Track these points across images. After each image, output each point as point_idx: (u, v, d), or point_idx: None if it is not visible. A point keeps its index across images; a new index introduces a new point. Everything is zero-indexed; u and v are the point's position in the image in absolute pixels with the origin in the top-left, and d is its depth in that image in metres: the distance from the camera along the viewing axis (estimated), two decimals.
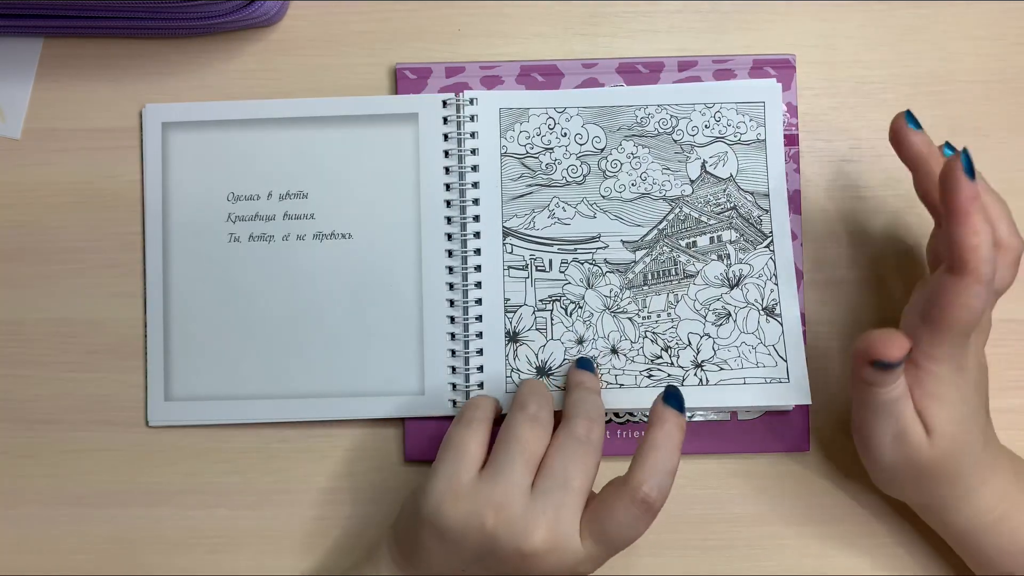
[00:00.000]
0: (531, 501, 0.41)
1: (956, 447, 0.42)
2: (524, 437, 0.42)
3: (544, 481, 0.41)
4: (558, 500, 0.41)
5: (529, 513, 0.40)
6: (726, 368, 0.48)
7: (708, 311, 0.49)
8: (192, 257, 0.51)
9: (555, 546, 0.40)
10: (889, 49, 0.52)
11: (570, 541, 0.41)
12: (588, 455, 0.42)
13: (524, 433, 0.42)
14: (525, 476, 0.41)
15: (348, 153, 0.51)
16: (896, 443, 0.42)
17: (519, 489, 0.41)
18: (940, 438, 0.41)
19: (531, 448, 0.42)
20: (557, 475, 0.41)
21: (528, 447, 0.42)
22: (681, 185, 0.49)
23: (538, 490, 0.41)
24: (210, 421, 0.51)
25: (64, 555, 0.51)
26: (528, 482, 0.41)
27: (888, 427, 0.42)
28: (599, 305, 0.49)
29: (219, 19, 0.49)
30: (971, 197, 0.38)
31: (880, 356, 0.39)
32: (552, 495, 0.41)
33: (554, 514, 0.41)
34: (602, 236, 0.49)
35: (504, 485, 0.41)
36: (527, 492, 0.41)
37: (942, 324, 0.40)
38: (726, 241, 0.49)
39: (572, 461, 0.42)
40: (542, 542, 0.40)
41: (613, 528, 0.41)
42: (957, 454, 0.42)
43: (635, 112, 0.50)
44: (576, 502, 0.41)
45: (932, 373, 0.41)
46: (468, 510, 0.41)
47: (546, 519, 0.40)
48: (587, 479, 0.42)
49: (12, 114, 0.52)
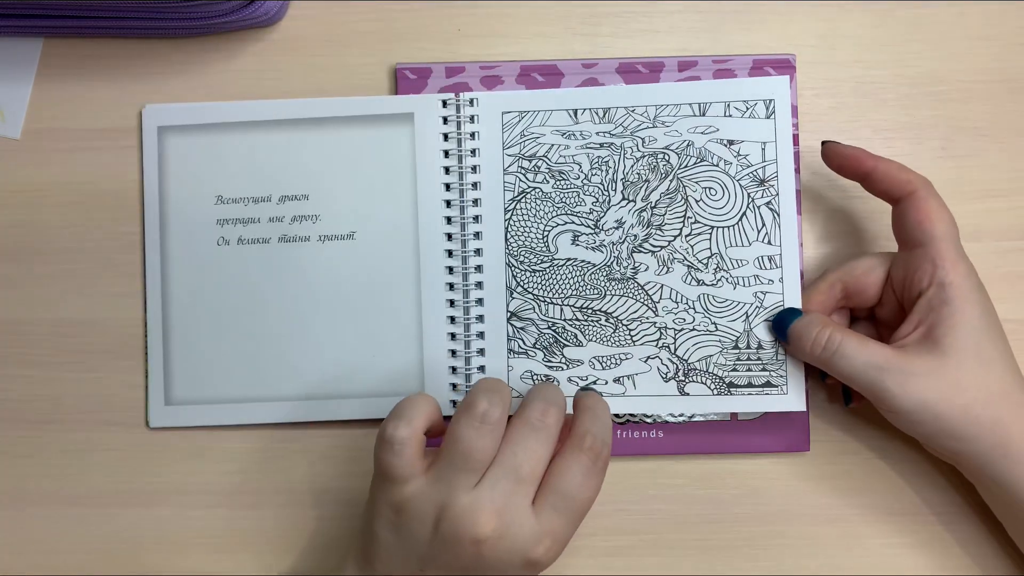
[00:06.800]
0: (477, 491, 0.41)
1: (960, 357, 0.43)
2: (466, 440, 0.41)
3: (493, 470, 0.41)
4: (506, 488, 0.41)
5: (475, 504, 0.40)
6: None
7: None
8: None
9: (506, 531, 0.40)
10: (889, 49, 0.52)
11: (522, 522, 0.40)
12: (540, 440, 0.42)
13: (467, 435, 0.41)
14: (468, 479, 0.41)
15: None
16: (880, 372, 0.43)
17: (461, 490, 0.41)
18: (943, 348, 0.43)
19: (476, 455, 0.41)
20: (506, 463, 0.41)
21: (472, 454, 0.41)
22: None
23: (486, 480, 0.41)
24: (210, 423, 0.51)
25: (64, 555, 0.51)
26: (472, 482, 0.41)
27: (864, 366, 0.43)
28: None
29: (219, 19, 0.49)
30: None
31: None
32: (499, 484, 0.41)
33: (503, 501, 0.40)
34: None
35: (447, 489, 0.41)
36: (470, 488, 0.41)
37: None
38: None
39: (521, 447, 0.41)
40: (492, 529, 0.40)
41: (566, 485, 0.41)
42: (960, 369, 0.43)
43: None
44: (525, 489, 0.41)
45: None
46: (414, 510, 0.41)
47: (494, 506, 0.40)
48: (538, 464, 0.41)
49: (12, 114, 0.52)
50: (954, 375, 0.43)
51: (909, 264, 0.45)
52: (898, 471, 0.50)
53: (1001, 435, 0.43)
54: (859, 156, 0.46)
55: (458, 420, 0.42)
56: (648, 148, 0.50)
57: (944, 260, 0.44)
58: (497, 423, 0.41)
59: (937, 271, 0.44)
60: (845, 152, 0.46)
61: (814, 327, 0.45)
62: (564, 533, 0.42)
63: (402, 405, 0.43)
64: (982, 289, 0.44)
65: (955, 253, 0.44)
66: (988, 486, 0.45)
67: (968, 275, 0.44)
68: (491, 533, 0.40)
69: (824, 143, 0.47)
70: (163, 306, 0.51)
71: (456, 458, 0.41)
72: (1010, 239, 0.51)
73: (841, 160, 0.47)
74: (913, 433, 0.45)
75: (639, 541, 0.50)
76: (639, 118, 0.50)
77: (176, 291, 0.51)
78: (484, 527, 0.40)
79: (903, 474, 0.50)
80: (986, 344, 0.43)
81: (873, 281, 0.47)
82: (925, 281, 0.44)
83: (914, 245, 0.45)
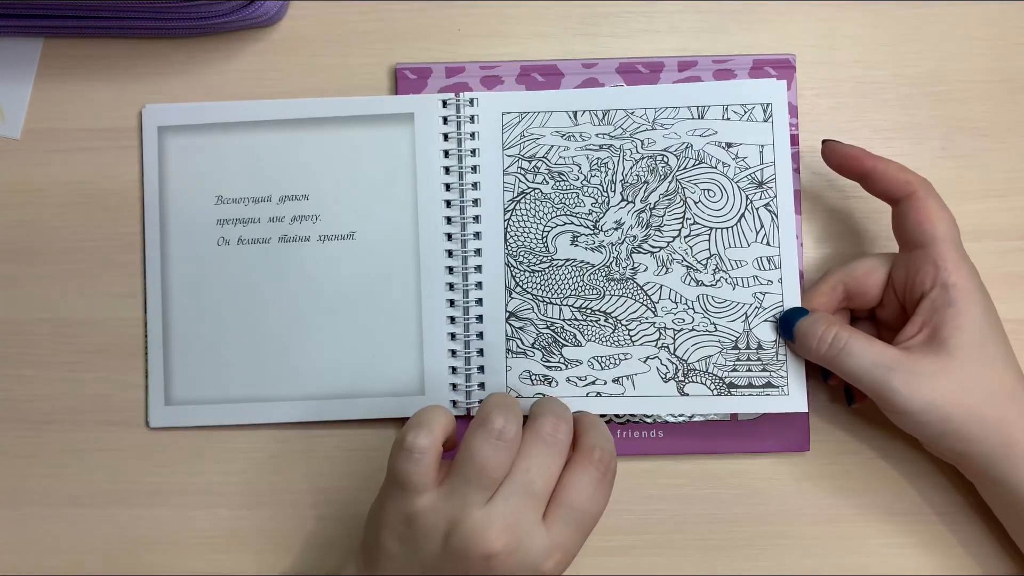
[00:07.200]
0: (490, 507, 0.40)
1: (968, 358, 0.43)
2: (482, 457, 0.40)
3: (506, 486, 0.41)
4: (518, 504, 0.40)
5: (486, 520, 0.40)
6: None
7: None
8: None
9: (517, 546, 0.40)
10: (889, 49, 0.52)
11: (533, 537, 0.40)
12: (553, 455, 0.42)
13: (483, 452, 0.40)
14: (482, 495, 0.40)
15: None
16: (887, 371, 0.43)
17: (474, 506, 0.40)
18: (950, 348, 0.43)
19: (491, 472, 0.40)
20: (519, 479, 0.41)
21: (487, 471, 0.40)
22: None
23: (499, 495, 0.40)
24: (210, 423, 0.51)
25: (64, 555, 0.51)
26: (485, 497, 0.40)
27: (870, 366, 0.43)
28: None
29: (219, 19, 0.49)
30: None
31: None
32: (512, 500, 0.40)
33: (514, 517, 0.40)
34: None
35: (460, 503, 0.40)
36: (482, 504, 0.40)
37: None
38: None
39: (536, 463, 0.41)
40: (503, 545, 0.40)
41: (577, 499, 0.41)
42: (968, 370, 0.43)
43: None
44: (537, 504, 0.41)
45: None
46: (425, 523, 0.40)
47: (505, 522, 0.40)
48: (550, 479, 0.41)
49: (12, 114, 0.52)
50: (960, 375, 0.43)
51: (911, 265, 0.45)
52: (899, 471, 0.50)
53: (1006, 435, 0.43)
54: (859, 156, 0.46)
55: (474, 435, 0.41)
56: (647, 150, 0.50)
57: (946, 261, 0.44)
58: (513, 440, 0.41)
59: (940, 272, 0.44)
60: (845, 151, 0.46)
61: (820, 325, 0.45)
62: (573, 546, 0.42)
63: (421, 414, 0.42)
64: (984, 289, 0.44)
65: (957, 254, 0.44)
66: (990, 486, 0.45)
67: (971, 276, 0.44)
68: (502, 548, 0.40)
69: (824, 142, 0.47)
70: (163, 306, 0.51)
71: (471, 473, 0.40)
72: (1010, 239, 0.51)
73: (841, 159, 0.47)
74: (918, 434, 0.45)
75: (639, 541, 0.50)
76: (638, 120, 0.50)
77: (176, 291, 0.51)
78: (495, 543, 0.40)
79: (904, 474, 0.50)
80: (990, 344, 0.43)
81: (874, 282, 0.47)
82: (928, 283, 0.44)
83: (915, 246, 0.45)
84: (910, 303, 0.45)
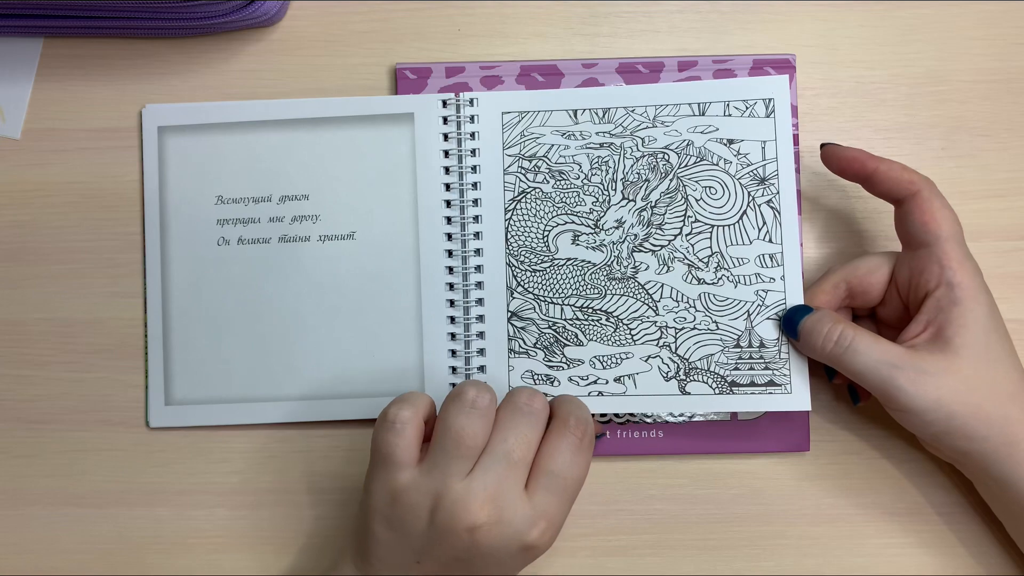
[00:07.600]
0: (470, 479, 0.41)
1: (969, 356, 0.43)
2: (457, 426, 0.41)
3: (485, 457, 0.41)
4: (498, 474, 0.41)
5: (468, 491, 0.40)
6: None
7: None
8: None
9: (500, 516, 0.40)
10: (889, 49, 0.52)
11: (516, 506, 0.41)
12: (530, 424, 0.42)
13: (458, 420, 0.41)
14: (461, 466, 0.41)
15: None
16: (893, 369, 0.43)
17: (454, 478, 0.41)
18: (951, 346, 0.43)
19: (468, 440, 0.41)
20: (497, 449, 0.41)
21: (464, 439, 0.41)
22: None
23: (479, 467, 0.41)
24: (210, 423, 0.51)
25: (64, 555, 0.51)
26: (465, 469, 0.41)
27: (875, 365, 0.43)
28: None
29: (219, 19, 0.49)
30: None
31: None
32: (492, 470, 0.41)
33: (495, 487, 0.41)
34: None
35: (441, 477, 0.41)
36: (463, 476, 0.41)
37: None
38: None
39: (512, 432, 0.42)
40: (486, 515, 0.40)
41: (556, 465, 0.42)
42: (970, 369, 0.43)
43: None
44: (517, 473, 0.41)
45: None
46: (409, 501, 0.41)
47: (487, 493, 0.40)
48: (528, 448, 0.42)
49: (12, 114, 0.52)
50: (966, 374, 0.43)
51: (914, 264, 0.45)
52: (900, 470, 0.50)
53: (1009, 433, 0.43)
54: (861, 158, 0.46)
55: (447, 408, 0.42)
56: (648, 148, 0.50)
57: (951, 260, 0.44)
58: (487, 408, 0.42)
59: (944, 272, 0.44)
60: (845, 154, 0.46)
61: (826, 323, 0.45)
62: (558, 515, 0.42)
63: (405, 394, 0.44)
64: (987, 288, 0.44)
65: (961, 253, 0.44)
66: (991, 485, 0.45)
67: (975, 275, 0.44)
68: (486, 519, 0.40)
69: (823, 146, 0.47)
70: (163, 306, 0.51)
71: (448, 443, 0.41)
72: (1010, 239, 0.51)
73: (842, 163, 0.47)
74: (922, 432, 0.45)
75: (639, 541, 0.50)
76: (639, 118, 0.50)
77: (176, 291, 0.51)
78: (479, 514, 0.40)
79: (905, 473, 0.50)
80: (994, 343, 0.43)
81: (877, 281, 0.47)
82: (932, 282, 0.44)
83: (919, 245, 0.45)
84: (914, 302, 0.45)
